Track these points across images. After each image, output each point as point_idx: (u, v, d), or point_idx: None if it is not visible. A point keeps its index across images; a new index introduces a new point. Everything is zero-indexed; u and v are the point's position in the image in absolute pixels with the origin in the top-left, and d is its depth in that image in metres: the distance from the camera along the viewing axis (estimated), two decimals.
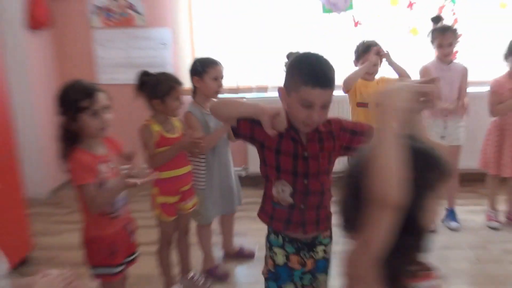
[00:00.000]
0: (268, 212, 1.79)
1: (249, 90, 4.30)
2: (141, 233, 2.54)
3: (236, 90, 4.29)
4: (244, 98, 4.16)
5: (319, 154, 1.69)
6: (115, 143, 2.15)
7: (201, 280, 2.82)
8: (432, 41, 3.30)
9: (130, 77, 2.70)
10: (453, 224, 3.40)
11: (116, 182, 1.94)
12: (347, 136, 1.72)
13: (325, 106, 1.57)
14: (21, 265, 3.00)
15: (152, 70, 2.56)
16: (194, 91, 2.78)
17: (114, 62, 4.37)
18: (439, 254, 3.00)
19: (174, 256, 2.76)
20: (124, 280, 2.27)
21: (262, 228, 3.44)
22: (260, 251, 3.06)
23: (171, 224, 2.62)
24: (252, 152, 4.18)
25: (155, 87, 2.47)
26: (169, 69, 4.10)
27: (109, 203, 1.98)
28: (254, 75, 4.30)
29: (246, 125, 1.65)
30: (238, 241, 3.22)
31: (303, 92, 1.51)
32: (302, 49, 1.74)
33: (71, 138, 1.94)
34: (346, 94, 3.23)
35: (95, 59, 4.41)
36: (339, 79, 1.83)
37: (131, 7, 4.28)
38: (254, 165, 4.11)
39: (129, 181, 1.90)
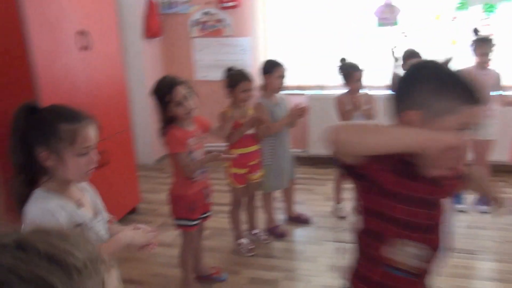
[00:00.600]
0: (373, 279, 1.07)
1: (309, 88, 4.22)
2: (218, 195, 2.63)
3: (298, 88, 4.24)
4: (304, 94, 4.13)
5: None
6: (204, 121, 2.22)
7: (263, 236, 2.86)
8: (474, 50, 3.05)
9: (218, 75, 2.79)
10: (482, 208, 3.15)
11: (206, 155, 2.03)
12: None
13: None
14: (130, 213, 3.23)
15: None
16: (264, 86, 2.78)
17: (207, 63, 4.49)
18: (468, 232, 2.81)
19: (243, 216, 2.81)
20: (200, 231, 2.36)
21: (317, 199, 3.41)
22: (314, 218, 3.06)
23: (240, 190, 2.68)
24: (312, 135, 4.15)
25: (230, 79, 2.52)
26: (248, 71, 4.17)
27: (197, 169, 2.05)
28: (314, 75, 4.22)
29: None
30: (297, 208, 3.21)
31: (464, 112, 0.91)
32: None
33: (166, 120, 2.02)
34: None
35: (193, 61, 4.54)
36: None
37: (221, 21, 4.36)
38: (313, 147, 4.11)
39: (215, 154, 1.99)
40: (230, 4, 4.27)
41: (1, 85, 2.30)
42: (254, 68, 4.33)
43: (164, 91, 2.00)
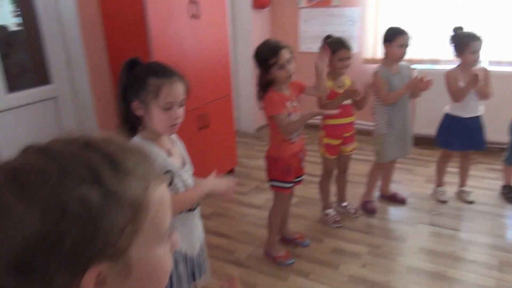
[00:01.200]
0: None
1: (422, 62, 3.89)
2: (310, 166, 2.65)
3: (410, 62, 3.93)
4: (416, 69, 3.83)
5: None
6: (299, 84, 2.22)
7: (353, 209, 2.82)
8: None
9: None
10: None
11: (305, 113, 2.04)
12: None
13: None
14: (227, 174, 3.43)
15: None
16: (385, 55, 2.64)
17: (312, 35, 4.44)
18: None
19: (333, 188, 2.80)
20: (291, 195, 2.43)
21: (416, 180, 3.23)
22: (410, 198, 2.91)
23: (332, 161, 2.66)
24: (419, 114, 3.86)
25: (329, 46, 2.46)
26: (354, 42, 4.01)
27: (297, 129, 2.09)
28: (427, 48, 3.87)
29: None
30: (394, 188, 3.08)
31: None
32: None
33: (266, 84, 2.07)
34: None
35: (299, 32, 4.53)
36: None
37: None
38: (419, 126, 3.81)
39: (314, 111, 2.01)
40: None
41: (121, 47, 2.62)
42: (360, 41, 4.17)
43: (268, 53, 2.02)
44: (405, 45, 2.52)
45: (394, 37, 2.51)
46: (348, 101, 2.53)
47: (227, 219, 2.80)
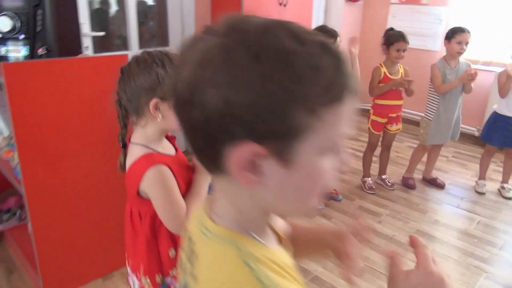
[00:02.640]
0: None
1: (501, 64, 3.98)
2: (358, 144, 3.13)
3: (487, 63, 4.07)
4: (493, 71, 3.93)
5: None
6: None
7: (389, 183, 3.22)
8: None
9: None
10: None
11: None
12: None
13: None
14: None
15: (422, 40, 2.93)
16: (446, 51, 2.98)
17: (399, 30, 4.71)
18: None
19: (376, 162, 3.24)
20: None
21: (465, 173, 3.48)
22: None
23: (376, 136, 3.11)
24: (488, 114, 3.98)
25: (387, 38, 2.89)
26: (438, 41, 4.25)
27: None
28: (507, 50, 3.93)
29: None
30: (441, 175, 3.39)
31: None
32: None
33: None
34: None
35: (386, 27, 4.84)
36: None
37: None
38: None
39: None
40: None
41: None
42: (442, 39, 4.37)
43: (328, 36, 2.57)
44: (463, 42, 2.83)
45: (454, 34, 2.84)
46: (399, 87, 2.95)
47: None
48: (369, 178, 3.21)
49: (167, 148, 1.17)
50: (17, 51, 1.89)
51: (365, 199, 3.05)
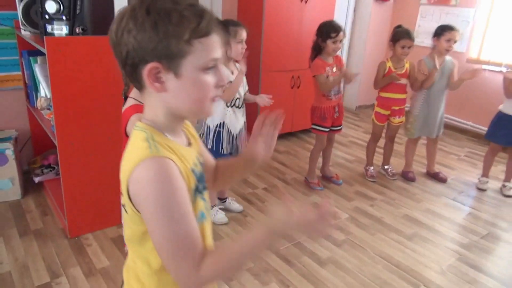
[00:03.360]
0: None
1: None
2: (364, 136, 3.30)
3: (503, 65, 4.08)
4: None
5: None
6: (340, 59, 2.96)
7: (392, 172, 3.40)
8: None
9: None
10: None
11: (337, 75, 2.82)
12: None
13: None
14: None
15: None
16: (433, 47, 3.15)
17: (427, 30, 4.78)
18: None
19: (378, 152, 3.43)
20: (331, 140, 3.18)
21: (470, 170, 3.59)
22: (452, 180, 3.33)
23: (379, 127, 3.30)
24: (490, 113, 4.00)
25: (394, 34, 3.07)
26: (464, 42, 4.32)
27: (332, 87, 2.86)
28: None
29: None
30: (444, 170, 3.54)
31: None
32: None
33: (318, 50, 2.89)
34: None
35: (416, 26, 4.95)
36: None
37: None
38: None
39: (345, 70, 2.80)
40: None
41: (247, 18, 3.70)
42: (469, 40, 4.41)
43: (332, 29, 2.79)
44: (452, 40, 2.97)
45: (443, 32, 2.98)
46: (403, 81, 3.12)
47: (293, 157, 3.73)
48: (372, 167, 3.40)
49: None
50: (60, 29, 2.32)
51: (365, 185, 3.25)
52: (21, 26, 2.64)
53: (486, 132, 3.24)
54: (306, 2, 3.75)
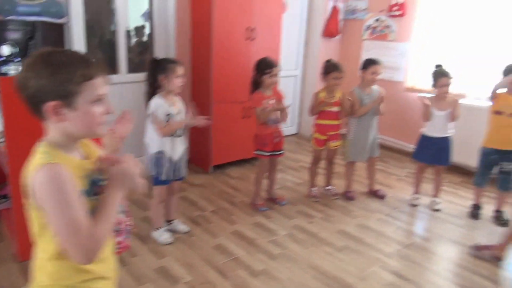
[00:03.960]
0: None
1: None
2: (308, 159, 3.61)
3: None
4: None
5: None
6: (278, 93, 3.30)
7: (334, 193, 3.69)
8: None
9: None
10: None
11: (269, 109, 3.14)
12: None
13: None
14: None
15: (390, 72, 3.54)
16: (361, 80, 3.53)
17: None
18: None
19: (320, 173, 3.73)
20: (274, 164, 3.46)
21: (407, 189, 3.85)
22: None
23: (319, 151, 3.61)
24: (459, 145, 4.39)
25: (325, 68, 3.42)
26: (401, 72, 4.78)
27: (266, 118, 3.17)
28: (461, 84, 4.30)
29: None
30: (384, 189, 3.86)
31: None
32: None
33: (256, 84, 3.21)
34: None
35: (360, 60, 5.39)
36: None
37: (388, 27, 5.06)
38: (458, 157, 4.30)
39: (274, 106, 3.11)
40: (397, 12, 4.91)
41: (197, 53, 4.04)
42: (406, 71, 4.87)
43: (268, 65, 3.16)
44: (376, 73, 3.36)
45: (368, 66, 3.38)
46: (335, 108, 3.47)
47: (245, 183, 3.99)
48: (315, 188, 3.69)
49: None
50: (16, 70, 2.59)
51: (307, 205, 3.52)
52: None
53: (413, 153, 3.60)
54: (252, 40, 4.13)
